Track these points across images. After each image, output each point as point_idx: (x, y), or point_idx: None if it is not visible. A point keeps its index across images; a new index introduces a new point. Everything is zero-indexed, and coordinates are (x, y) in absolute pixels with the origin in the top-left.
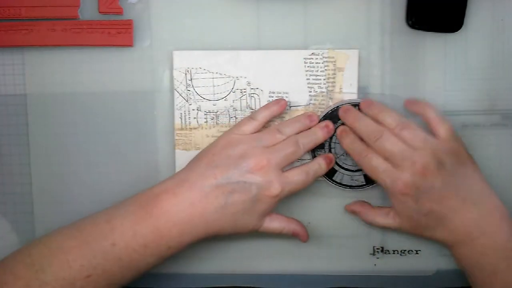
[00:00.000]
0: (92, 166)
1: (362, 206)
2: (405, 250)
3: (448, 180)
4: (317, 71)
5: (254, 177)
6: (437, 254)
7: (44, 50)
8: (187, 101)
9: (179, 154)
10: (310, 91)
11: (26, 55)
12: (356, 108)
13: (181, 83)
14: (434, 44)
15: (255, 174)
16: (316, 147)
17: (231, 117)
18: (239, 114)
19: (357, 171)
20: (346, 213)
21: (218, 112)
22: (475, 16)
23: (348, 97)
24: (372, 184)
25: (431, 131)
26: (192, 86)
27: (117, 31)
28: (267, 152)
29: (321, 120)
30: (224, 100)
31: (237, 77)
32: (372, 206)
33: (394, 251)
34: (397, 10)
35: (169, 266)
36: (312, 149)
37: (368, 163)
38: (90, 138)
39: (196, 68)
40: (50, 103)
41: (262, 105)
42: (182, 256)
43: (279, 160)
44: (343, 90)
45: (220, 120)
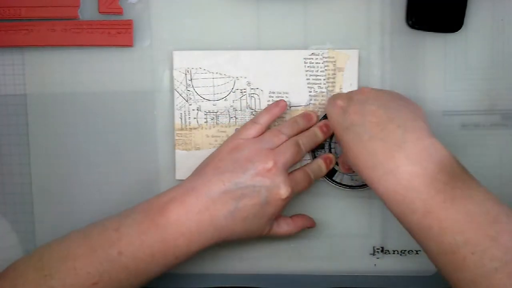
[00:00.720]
0: (92, 166)
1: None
2: (405, 250)
3: (375, 98)
4: (317, 71)
5: (263, 180)
6: None
7: (44, 50)
8: (187, 101)
9: (179, 154)
10: (310, 91)
11: (26, 55)
12: None
13: (181, 83)
14: (434, 44)
15: (263, 177)
16: (317, 147)
17: (231, 117)
18: (239, 114)
19: None
20: (346, 213)
21: (218, 112)
22: (475, 16)
23: None
24: None
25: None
26: (192, 86)
27: (117, 31)
28: (272, 154)
29: (321, 119)
30: (224, 100)
31: (237, 77)
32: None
33: (394, 251)
34: (397, 10)
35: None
36: (312, 149)
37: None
38: (90, 138)
39: (196, 68)
40: (50, 103)
41: (262, 105)
42: None
43: (285, 161)
44: (343, 90)
45: (220, 120)
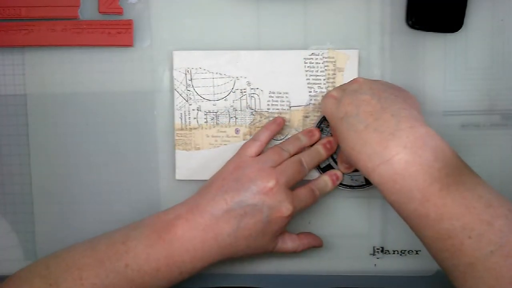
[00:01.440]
0: (92, 166)
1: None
2: (405, 250)
3: (372, 90)
4: (317, 71)
5: (265, 198)
6: None
7: (44, 50)
8: (187, 101)
9: (179, 154)
10: (310, 91)
11: (26, 55)
12: None
13: (181, 83)
14: (434, 44)
15: (265, 195)
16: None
17: (231, 117)
18: (239, 114)
19: (357, 171)
20: (346, 213)
21: (218, 112)
22: (475, 16)
23: None
24: (371, 185)
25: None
26: (192, 86)
27: (117, 31)
28: (274, 172)
29: (318, 123)
30: (224, 100)
31: (237, 77)
32: None
33: (394, 251)
34: (397, 10)
35: None
36: (316, 166)
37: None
38: (90, 138)
39: (196, 68)
40: (50, 103)
41: (262, 105)
42: None
43: (287, 179)
44: None
45: (220, 120)
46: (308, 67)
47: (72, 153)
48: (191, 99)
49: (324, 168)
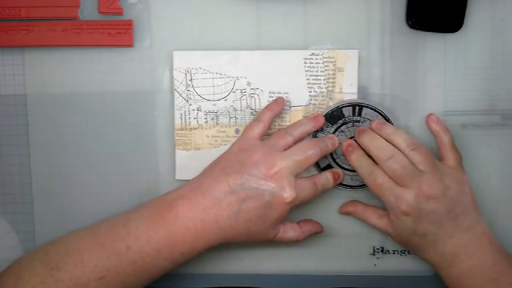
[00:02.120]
0: (92, 166)
1: (355, 206)
2: (405, 250)
3: (450, 207)
4: (317, 71)
5: (267, 183)
6: None
7: (44, 50)
8: (187, 101)
9: (179, 154)
10: (310, 91)
11: (26, 55)
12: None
13: (181, 83)
14: (434, 44)
15: (268, 180)
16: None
17: (231, 117)
18: (239, 114)
19: (354, 171)
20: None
21: (218, 112)
22: (475, 16)
23: (349, 97)
24: None
25: (441, 156)
26: (192, 86)
27: (117, 31)
28: (279, 157)
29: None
30: (224, 100)
31: (237, 77)
32: (365, 205)
33: (394, 251)
34: (397, 10)
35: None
36: (322, 157)
37: (374, 180)
38: (90, 138)
39: (196, 68)
40: (50, 103)
41: (262, 105)
42: None
43: (291, 166)
44: (343, 90)
45: (220, 120)
46: (308, 67)
47: (72, 153)
48: (191, 99)
49: (324, 168)
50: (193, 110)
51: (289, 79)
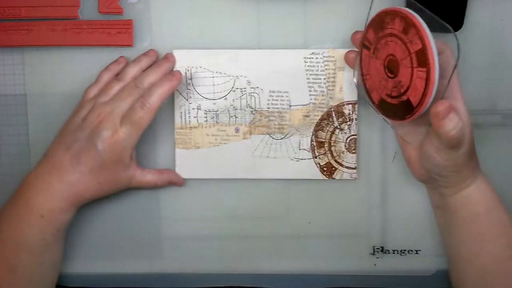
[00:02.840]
0: None
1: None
2: (405, 250)
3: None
4: (317, 70)
5: (95, 131)
6: (437, 254)
7: (44, 50)
8: (187, 100)
9: (179, 153)
10: (310, 91)
11: (26, 55)
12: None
13: (181, 82)
14: None
15: (96, 128)
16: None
17: (231, 116)
18: (239, 113)
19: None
20: (346, 213)
21: (218, 111)
22: (475, 16)
23: (348, 97)
24: None
25: None
26: (192, 85)
27: (117, 31)
28: (103, 106)
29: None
30: (224, 99)
31: (237, 76)
32: None
33: (394, 251)
34: None
35: (169, 266)
36: (163, 96)
37: None
38: None
39: (196, 67)
40: (50, 103)
41: (262, 104)
42: (182, 255)
43: (120, 110)
44: (344, 89)
45: (220, 119)
46: (308, 66)
47: None
48: (191, 98)
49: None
50: (193, 108)
51: (289, 78)
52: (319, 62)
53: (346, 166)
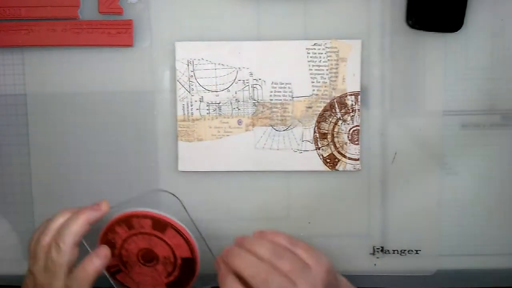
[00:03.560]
0: (92, 166)
1: None
2: (405, 250)
3: None
4: (319, 61)
5: None
6: (437, 254)
7: (44, 50)
8: (189, 92)
9: (182, 145)
10: (313, 82)
11: (26, 55)
12: None
13: (183, 74)
14: (434, 44)
15: None
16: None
17: (234, 108)
18: (242, 105)
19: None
20: (346, 213)
21: (221, 103)
22: (475, 16)
23: (351, 88)
24: None
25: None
26: (195, 77)
27: (117, 31)
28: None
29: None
30: (227, 91)
31: (239, 68)
32: None
33: (394, 251)
34: (397, 10)
35: None
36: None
37: None
38: (90, 138)
39: (198, 59)
40: (50, 103)
41: (264, 95)
42: None
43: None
44: (346, 80)
45: (222, 111)
46: (311, 57)
47: (72, 153)
48: (193, 90)
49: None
50: (195, 101)
51: (291, 69)
52: (322, 53)
53: (349, 157)
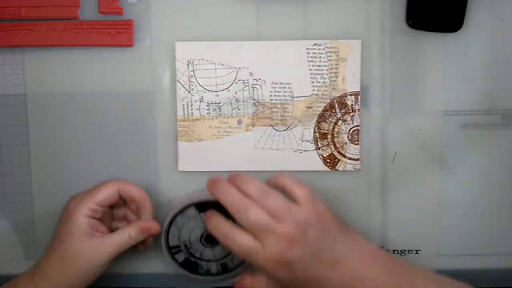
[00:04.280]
0: (92, 166)
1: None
2: (405, 250)
3: (316, 245)
4: (319, 61)
5: None
6: (437, 254)
7: (44, 50)
8: (189, 92)
9: (182, 145)
10: (313, 82)
11: (26, 55)
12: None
13: (183, 74)
14: (434, 44)
15: None
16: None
17: (234, 108)
18: (242, 105)
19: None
20: (346, 213)
21: (221, 103)
22: (475, 16)
23: (351, 88)
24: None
25: (291, 198)
26: (195, 77)
27: (117, 31)
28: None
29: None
30: (227, 91)
31: (239, 67)
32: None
33: (394, 251)
34: (397, 10)
35: (169, 266)
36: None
37: (234, 243)
38: (90, 138)
39: (198, 59)
40: (50, 103)
41: (264, 95)
42: None
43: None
44: (346, 80)
45: (222, 111)
46: (311, 57)
47: (72, 153)
48: (193, 90)
49: (182, 262)
50: (195, 101)
51: (291, 69)
52: (322, 53)
53: (349, 158)
